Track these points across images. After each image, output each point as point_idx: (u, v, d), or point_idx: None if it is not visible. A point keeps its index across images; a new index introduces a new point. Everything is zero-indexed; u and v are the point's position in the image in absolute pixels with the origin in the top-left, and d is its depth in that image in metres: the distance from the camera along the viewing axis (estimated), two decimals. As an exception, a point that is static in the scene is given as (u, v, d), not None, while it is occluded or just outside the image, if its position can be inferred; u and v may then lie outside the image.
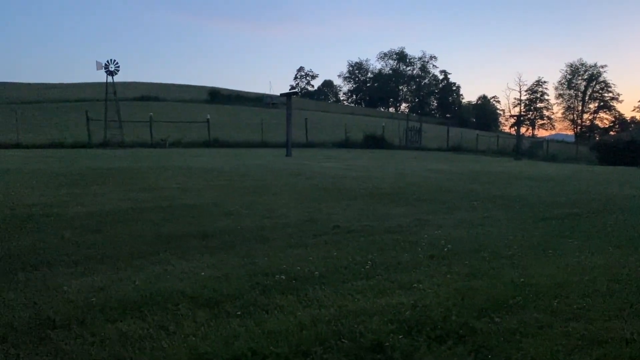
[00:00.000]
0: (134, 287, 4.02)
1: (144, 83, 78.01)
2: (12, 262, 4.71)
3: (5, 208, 7.51)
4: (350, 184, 11.70)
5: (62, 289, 3.96)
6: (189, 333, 3.13)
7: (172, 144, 28.92)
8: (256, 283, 4.17)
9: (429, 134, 40.14)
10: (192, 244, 5.64)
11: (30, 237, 5.76)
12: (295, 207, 8.28)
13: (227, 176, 13.24)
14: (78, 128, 29.01)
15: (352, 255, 5.12)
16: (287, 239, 5.96)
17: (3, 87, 68.84)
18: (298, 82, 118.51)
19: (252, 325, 3.23)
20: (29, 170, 13.09)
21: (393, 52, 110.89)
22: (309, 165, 17.76)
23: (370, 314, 3.38)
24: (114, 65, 28.62)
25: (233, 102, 68.64)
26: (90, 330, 3.17)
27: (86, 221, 6.74)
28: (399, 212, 7.94)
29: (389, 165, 19.00)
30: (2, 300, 3.70)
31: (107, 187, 10.08)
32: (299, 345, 2.90)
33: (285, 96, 27.21)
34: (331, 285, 4.13)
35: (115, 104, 28.92)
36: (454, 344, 2.94)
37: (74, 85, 74.68)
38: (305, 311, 3.49)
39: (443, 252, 5.36)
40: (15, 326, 3.20)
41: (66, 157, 18.99)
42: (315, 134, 34.92)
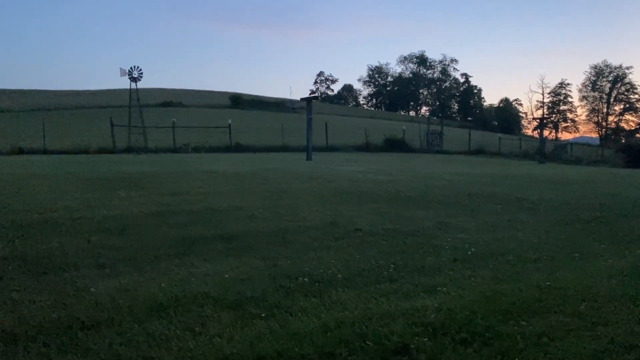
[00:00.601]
0: (160, 288, 4.08)
1: (167, 89, 79.06)
2: (41, 264, 4.82)
3: (33, 212, 7.68)
4: (371, 187, 11.68)
5: (89, 291, 4.04)
6: (214, 334, 3.16)
7: (194, 149, 29.21)
8: (279, 285, 4.19)
9: (450, 137, 39.80)
10: (215, 246, 5.69)
11: (58, 240, 5.87)
12: (316, 210, 8.30)
13: (249, 180, 13.33)
14: (102, 134, 29.48)
15: (374, 259, 5.11)
16: (309, 241, 5.98)
17: (30, 95, 70.51)
18: (318, 87, 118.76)
19: (277, 327, 3.26)
20: (56, 175, 13.36)
21: (413, 56, 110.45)
22: (329, 168, 17.78)
23: (394, 317, 3.38)
24: (137, 71, 29.08)
25: (254, 107, 69.08)
26: (118, 330, 3.23)
27: (112, 224, 6.85)
28: (421, 216, 7.90)
29: (411, 168, 18.90)
30: (33, 301, 3.79)
31: (132, 192, 10.22)
32: (324, 347, 2.91)
33: (305, 101, 27.28)
34: (354, 288, 4.13)
35: (138, 110, 29.35)
36: (480, 347, 2.92)
37: (98, 92, 76.05)
38: (329, 314, 3.50)
39: (467, 255, 5.32)
40: (45, 326, 3.27)
41: (91, 162, 19.33)
42: (335, 138, 34.89)
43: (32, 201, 8.72)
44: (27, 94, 71.29)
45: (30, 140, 26.87)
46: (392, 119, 69.68)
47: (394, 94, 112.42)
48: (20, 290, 4.03)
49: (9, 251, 5.31)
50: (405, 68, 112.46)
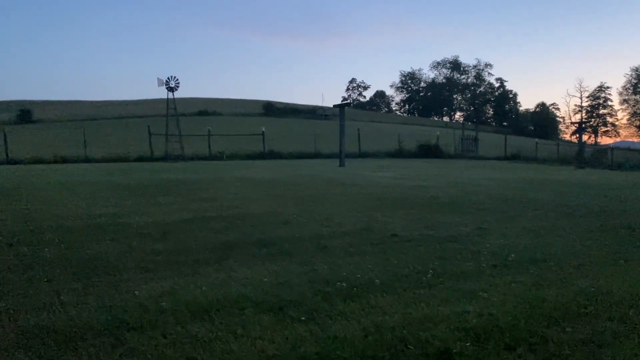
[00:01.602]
0: (201, 292, 4.15)
1: (202, 98, 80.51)
2: (85, 268, 4.97)
3: (76, 218, 7.93)
4: (406, 193, 11.60)
5: (133, 293, 4.14)
6: (255, 336, 3.20)
7: (229, 156, 29.65)
8: (318, 290, 4.21)
9: (486, 142, 39.20)
10: (253, 251, 5.75)
11: (101, 245, 6.05)
12: (351, 216, 8.30)
13: (283, 186, 13.43)
14: (141, 143, 30.26)
15: (412, 264, 5.08)
16: (346, 247, 5.98)
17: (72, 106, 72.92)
18: (350, 94, 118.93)
19: (317, 330, 3.27)
20: (97, 183, 13.76)
21: (447, 61, 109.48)
22: (363, 175, 17.75)
23: (435, 322, 3.35)
24: (174, 81, 29.73)
25: (286, 114, 69.69)
26: (162, 332, 3.30)
27: (152, 230, 7.01)
28: (458, 221, 7.80)
29: (446, 174, 18.68)
30: (80, 302, 3.91)
31: (170, 198, 10.45)
32: (365, 350, 2.91)
33: (338, 107, 27.34)
34: (393, 294, 4.11)
35: (175, 119, 29.99)
36: (525, 352, 2.87)
37: (136, 102, 78.09)
38: (368, 318, 3.50)
39: (507, 261, 5.23)
40: (93, 327, 3.38)
41: (130, 170, 19.84)
42: (367, 144, 34.84)
43: (76, 208, 9.01)
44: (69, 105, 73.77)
45: (72, 149, 27.77)
46: (425, 124, 69.12)
47: (427, 99, 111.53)
48: (68, 293, 4.17)
49: (56, 255, 5.50)
50: (439, 73, 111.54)
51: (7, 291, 4.21)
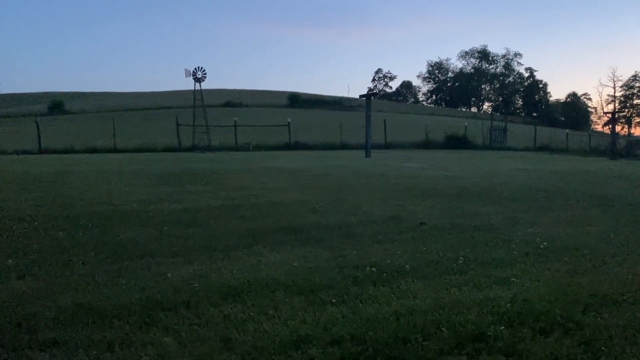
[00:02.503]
0: (232, 275, 4.20)
1: (228, 90, 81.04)
2: (119, 252, 5.07)
3: (109, 204, 8.10)
4: (434, 183, 11.50)
5: (166, 276, 4.22)
6: (287, 317, 3.23)
7: (255, 147, 29.81)
8: (347, 275, 4.21)
9: (515, 133, 38.49)
10: (281, 238, 5.79)
11: (133, 231, 6.16)
12: (379, 205, 8.27)
13: (310, 176, 13.46)
14: (168, 133, 30.63)
15: (442, 251, 5.04)
16: (374, 234, 5.97)
17: (102, 97, 74.32)
18: (376, 84, 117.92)
19: (348, 312, 3.28)
20: (127, 172, 14.02)
21: (475, 51, 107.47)
22: (389, 165, 17.65)
23: (467, 306, 3.33)
24: (201, 72, 29.99)
25: (312, 105, 69.61)
26: (195, 312, 3.36)
27: (182, 217, 7.11)
28: (488, 211, 7.70)
29: (474, 165, 18.45)
30: (114, 284, 4.00)
31: (198, 187, 10.58)
32: (397, 332, 2.90)
33: (364, 97, 27.19)
34: (423, 279, 4.09)
35: (202, 110, 30.27)
36: (561, 337, 2.83)
37: (164, 94, 79.10)
38: (399, 302, 3.49)
39: (539, 249, 5.15)
40: (128, 307, 3.45)
41: (159, 159, 20.14)
42: (394, 135, 34.57)
43: (107, 195, 9.20)
44: (99, 96, 75.23)
45: (102, 139, 28.30)
46: (452, 115, 68.25)
47: (454, 90, 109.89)
48: (102, 274, 4.27)
49: (90, 239, 5.63)
50: (467, 63, 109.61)
51: (45, 272, 4.34)
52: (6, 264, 4.58)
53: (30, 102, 66.34)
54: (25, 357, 2.72)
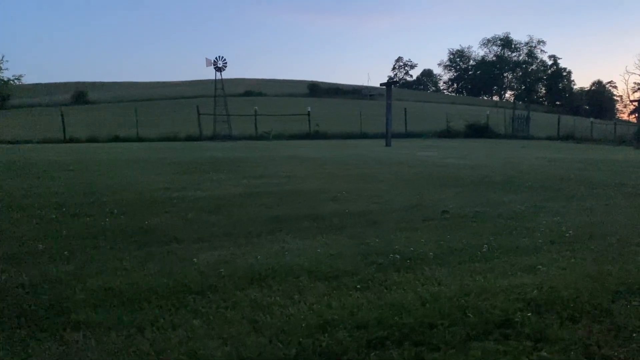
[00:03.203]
0: (256, 261, 4.25)
1: (248, 79, 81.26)
2: (145, 238, 5.16)
3: (133, 192, 8.22)
4: (456, 172, 11.42)
5: (192, 261, 4.28)
6: (312, 302, 3.26)
7: (275, 136, 29.92)
8: (371, 261, 4.22)
9: (538, 122, 37.92)
10: (303, 225, 5.82)
11: (158, 217, 6.26)
12: (400, 194, 8.25)
13: (330, 165, 13.47)
14: (190, 123, 30.90)
15: (465, 239, 5.01)
16: (396, 222, 5.95)
17: (124, 87, 75.17)
18: (396, 73, 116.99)
19: (373, 298, 3.30)
20: (150, 160, 14.21)
21: (497, 38, 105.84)
22: (410, 154, 17.56)
23: (493, 293, 3.31)
24: (222, 61, 30.10)
25: (331, 95, 69.45)
26: (222, 296, 3.41)
27: (206, 204, 7.19)
28: (511, 199, 7.63)
29: (496, 154, 18.24)
30: (142, 268, 4.08)
31: (221, 175, 10.67)
32: (424, 317, 2.91)
33: (385, 86, 27.01)
34: (447, 266, 4.08)
35: (223, 99, 30.43)
36: (590, 324, 2.81)
37: (185, 83, 79.69)
38: (424, 288, 3.49)
39: (564, 237, 5.09)
40: (157, 291, 3.51)
41: (181, 148, 20.36)
42: (414, 124, 34.36)
43: (132, 183, 9.34)
44: (122, 86, 76.09)
45: (125, 129, 28.70)
46: (474, 104, 67.36)
47: (476, 78, 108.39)
48: (130, 259, 4.35)
49: (116, 225, 5.73)
50: (489, 51, 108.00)
51: (74, 257, 4.43)
52: (37, 248, 4.70)
53: (55, 92, 67.43)
54: (59, 337, 2.80)
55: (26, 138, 26.13)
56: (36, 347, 2.67)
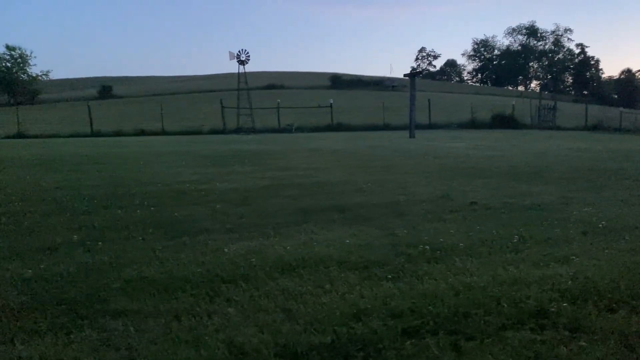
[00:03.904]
0: (286, 251, 4.28)
1: (270, 72, 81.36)
2: (176, 229, 5.24)
3: (162, 184, 8.35)
4: (482, 163, 11.29)
5: (223, 251, 4.34)
6: (344, 292, 3.28)
7: (297, 129, 29.93)
8: (400, 252, 4.22)
9: (564, 112, 37.11)
10: (330, 216, 5.84)
11: (187, 209, 6.34)
12: (426, 185, 8.21)
13: (354, 157, 13.46)
14: (213, 116, 31.12)
15: (495, 230, 4.97)
16: (424, 214, 5.93)
17: (149, 81, 76.08)
18: (419, 63, 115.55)
19: (405, 288, 3.30)
20: (176, 153, 14.39)
21: (522, 27, 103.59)
22: (434, 145, 17.41)
23: (526, 283, 3.29)
24: (244, 55, 30.21)
25: (353, 86, 69.11)
26: (254, 285, 3.45)
27: (232, 196, 7.27)
28: (540, 190, 7.52)
29: (523, 144, 17.97)
30: (175, 258, 4.15)
31: (246, 167, 10.76)
32: (457, 307, 2.91)
33: (408, 77, 26.77)
34: (478, 257, 4.06)
35: (246, 93, 30.56)
36: (628, 314, 2.77)
37: (209, 77, 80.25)
38: (456, 278, 3.48)
39: (597, 228, 5.01)
40: (191, 280, 3.58)
41: (206, 141, 20.54)
42: (438, 115, 33.96)
43: (159, 175, 9.48)
44: (146, 80, 77.03)
45: (150, 122, 29.06)
46: (499, 94, 66.26)
47: (501, 68, 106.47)
48: (162, 250, 4.43)
49: (147, 217, 5.84)
50: (514, 40, 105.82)
51: (108, 247, 4.53)
52: (72, 239, 4.82)
53: (81, 87, 68.65)
54: (99, 324, 2.87)
55: (54, 132, 26.70)
56: (78, 334, 2.75)
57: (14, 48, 59.76)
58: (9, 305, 3.15)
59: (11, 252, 4.38)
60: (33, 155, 13.79)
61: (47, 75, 63.54)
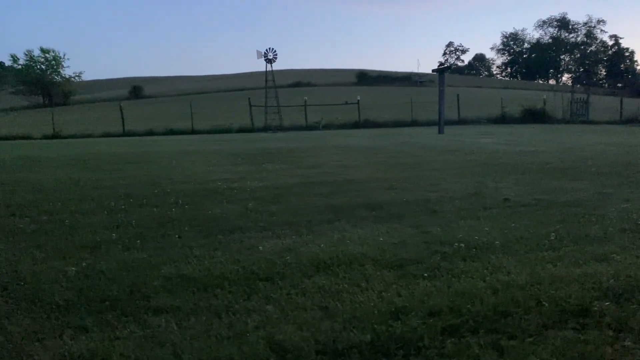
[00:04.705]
0: (320, 249, 4.31)
1: (297, 70, 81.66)
2: (210, 227, 5.32)
3: (194, 183, 8.48)
4: (514, 159, 11.12)
5: (257, 249, 4.39)
6: (380, 290, 3.29)
7: (324, 126, 29.98)
8: (435, 250, 4.20)
9: (598, 106, 36.18)
10: (361, 214, 5.84)
11: (220, 207, 6.43)
12: (458, 182, 8.13)
13: (383, 153, 13.41)
14: (242, 115, 31.41)
15: (531, 228, 4.90)
16: (456, 211, 5.89)
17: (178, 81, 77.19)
18: (447, 58, 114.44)
19: (442, 286, 3.29)
20: (207, 152, 14.57)
21: (553, 19, 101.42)
22: (464, 141, 17.21)
23: (566, 282, 3.24)
24: (272, 53, 30.39)
25: (380, 82, 68.85)
26: (290, 283, 3.49)
27: (264, 194, 7.34)
28: (575, 186, 7.37)
29: (555, 139, 17.60)
30: (211, 256, 4.22)
31: (276, 165, 10.83)
32: (496, 306, 2.89)
33: (437, 72, 26.51)
34: (515, 255, 4.01)
35: (274, 91, 30.74)
36: (676, 314, 2.70)
37: (236, 76, 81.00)
38: (493, 277, 3.45)
39: (637, 225, 4.89)
40: (228, 277, 3.64)
41: (235, 140, 20.75)
42: (467, 110, 33.52)
43: (191, 174, 9.62)
44: (176, 80, 78.21)
45: (180, 121, 29.49)
46: (529, 88, 65.00)
47: (531, 61, 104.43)
48: (198, 247, 4.51)
49: (181, 215, 5.94)
50: (544, 33, 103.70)
51: (146, 245, 4.64)
52: (111, 237, 4.94)
53: (113, 88, 70.11)
54: (142, 321, 2.95)
55: (88, 132, 27.34)
56: (123, 330, 2.83)
57: (47, 51, 61.58)
58: (55, 302, 3.26)
59: (54, 250, 4.52)
60: (69, 155, 14.15)
61: (79, 77, 65.24)
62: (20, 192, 7.61)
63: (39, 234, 5.07)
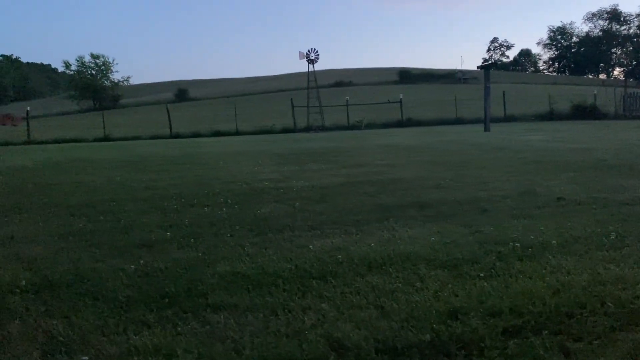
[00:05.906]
0: (371, 248, 4.30)
1: (337, 69, 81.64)
2: (260, 226, 5.39)
3: (242, 183, 8.61)
4: (566, 156, 10.77)
5: (308, 248, 4.42)
6: (436, 289, 3.25)
7: (367, 126, 29.84)
8: (489, 250, 4.12)
9: (653, 100, 34.58)
10: (410, 213, 5.79)
11: (268, 207, 6.50)
12: (508, 180, 7.95)
13: (428, 152, 13.24)
14: (284, 115, 31.67)
15: (589, 227, 4.74)
16: (508, 210, 5.76)
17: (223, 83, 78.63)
18: (491, 54, 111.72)
19: (500, 286, 3.23)
20: (252, 152, 14.78)
21: (604, 11, 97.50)
22: (512, 138, 16.79)
23: (632, 283, 3.13)
24: (314, 54, 30.53)
25: (422, 80, 68.02)
26: (344, 282, 3.50)
27: (310, 193, 7.37)
28: (633, 184, 7.08)
29: (608, 135, 16.94)
30: (263, 254, 4.28)
31: (321, 165, 10.87)
32: (559, 306, 2.81)
33: (482, 69, 25.96)
34: (573, 255, 3.89)
35: (316, 91, 30.85)
36: None
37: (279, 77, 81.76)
38: (552, 277, 3.36)
39: None
40: (281, 275, 3.68)
41: (278, 140, 20.96)
42: (513, 107, 32.67)
43: (238, 174, 9.77)
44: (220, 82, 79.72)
45: (225, 123, 29.98)
46: (578, 83, 62.81)
47: (579, 56, 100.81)
48: (250, 246, 4.58)
49: (231, 214, 6.04)
50: (594, 26, 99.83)
51: (199, 243, 4.74)
52: (165, 236, 5.08)
53: (159, 91, 72.06)
54: (202, 317, 3.02)
55: (136, 135, 28.18)
56: (183, 327, 2.91)
57: (98, 56, 63.90)
58: (117, 298, 3.38)
59: (112, 248, 4.68)
60: (120, 157, 14.65)
61: (127, 81, 67.47)
62: (77, 194, 7.92)
63: (97, 233, 5.26)
